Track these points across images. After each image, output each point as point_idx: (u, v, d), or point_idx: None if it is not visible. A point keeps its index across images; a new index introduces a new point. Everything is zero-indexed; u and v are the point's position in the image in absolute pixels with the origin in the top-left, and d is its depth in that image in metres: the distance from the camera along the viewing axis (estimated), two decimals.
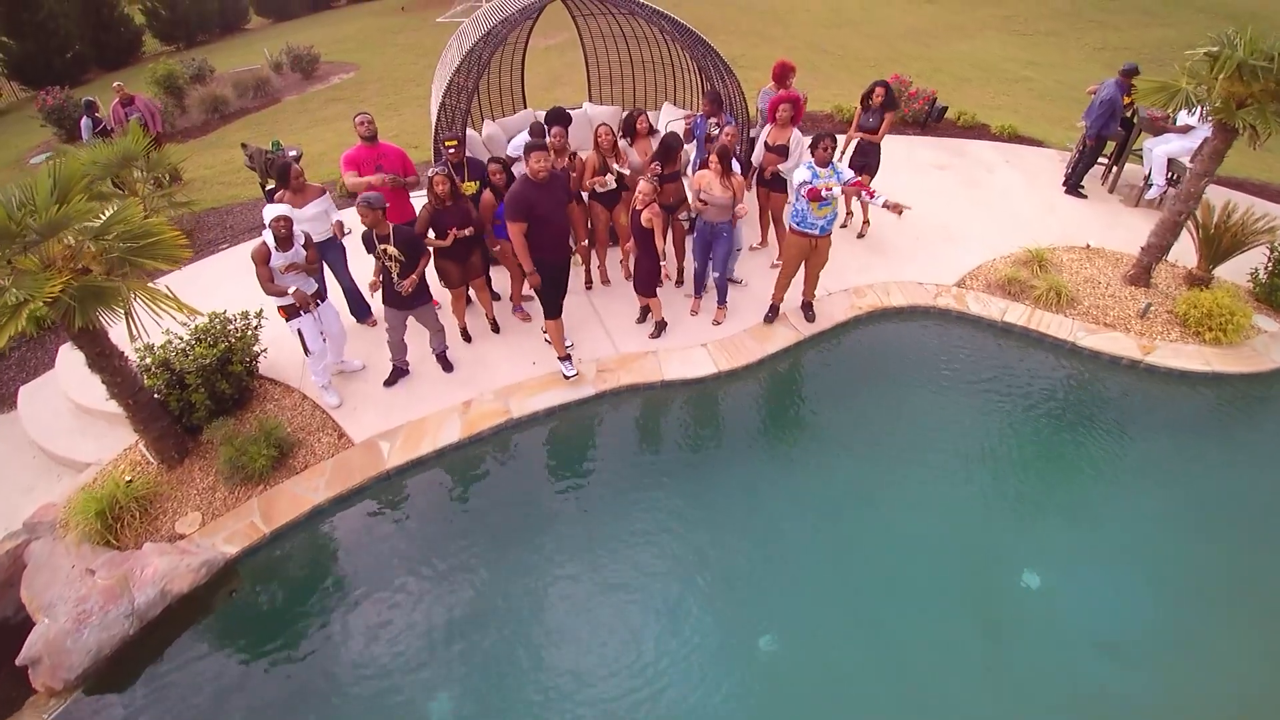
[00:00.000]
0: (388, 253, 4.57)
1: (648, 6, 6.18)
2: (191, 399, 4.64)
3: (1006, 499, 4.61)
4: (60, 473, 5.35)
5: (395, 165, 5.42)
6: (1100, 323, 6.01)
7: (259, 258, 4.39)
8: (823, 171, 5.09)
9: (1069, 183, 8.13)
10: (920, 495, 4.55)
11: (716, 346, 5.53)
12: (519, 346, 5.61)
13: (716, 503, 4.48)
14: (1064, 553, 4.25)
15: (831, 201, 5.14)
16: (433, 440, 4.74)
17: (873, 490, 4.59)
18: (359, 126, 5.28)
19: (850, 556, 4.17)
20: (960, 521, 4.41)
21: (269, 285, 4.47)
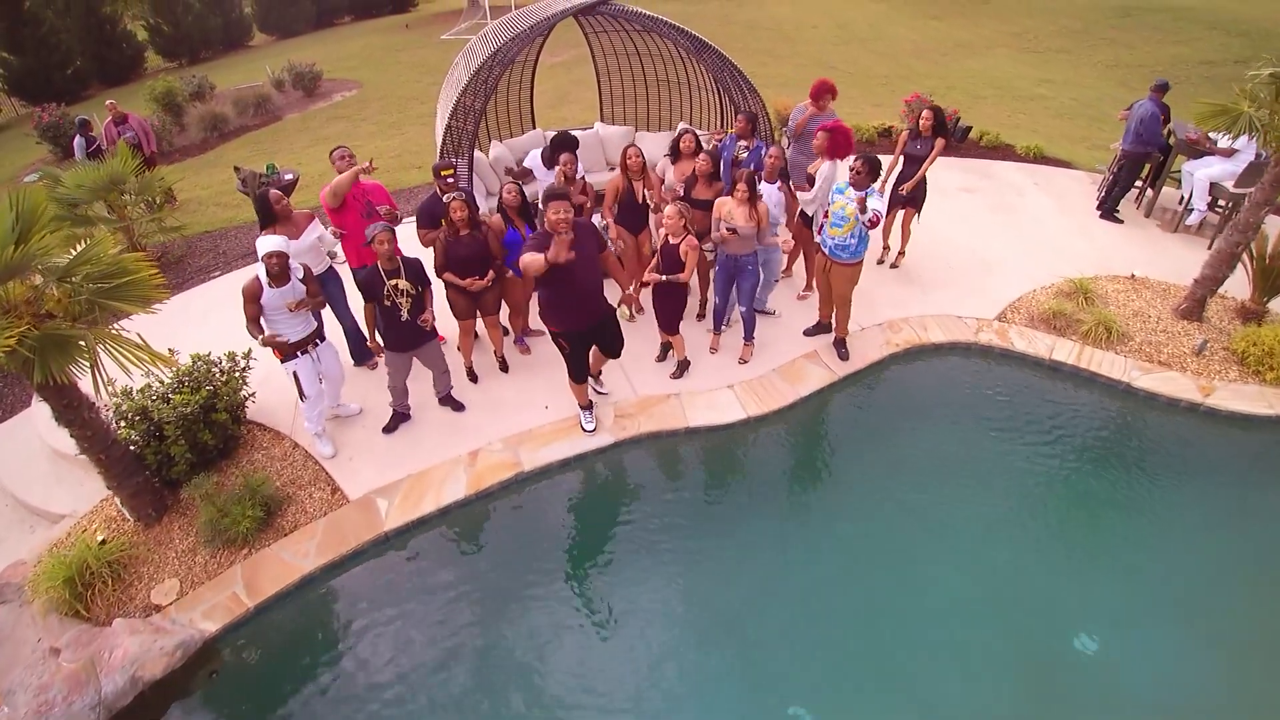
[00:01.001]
0: (398, 288, 4.16)
1: (666, 23, 5.84)
2: (170, 451, 4.21)
3: (1059, 554, 4.20)
4: (34, 524, 4.92)
5: (382, 200, 5.04)
6: (1154, 361, 5.58)
7: (250, 294, 3.97)
8: (850, 192, 4.72)
9: (1104, 207, 7.75)
10: (966, 551, 4.14)
11: (744, 388, 5.10)
12: (529, 388, 5.18)
13: (745, 563, 4.04)
14: (1121, 612, 3.85)
15: (844, 223, 4.74)
16: (435, 497, 4.30)
17: (915, 546, 4.16)
18: (339, 161, 4.82)
19: (889, 618, 3.77)
20: (1009, 579, 4.01)
21: (253, 327, 4.05)
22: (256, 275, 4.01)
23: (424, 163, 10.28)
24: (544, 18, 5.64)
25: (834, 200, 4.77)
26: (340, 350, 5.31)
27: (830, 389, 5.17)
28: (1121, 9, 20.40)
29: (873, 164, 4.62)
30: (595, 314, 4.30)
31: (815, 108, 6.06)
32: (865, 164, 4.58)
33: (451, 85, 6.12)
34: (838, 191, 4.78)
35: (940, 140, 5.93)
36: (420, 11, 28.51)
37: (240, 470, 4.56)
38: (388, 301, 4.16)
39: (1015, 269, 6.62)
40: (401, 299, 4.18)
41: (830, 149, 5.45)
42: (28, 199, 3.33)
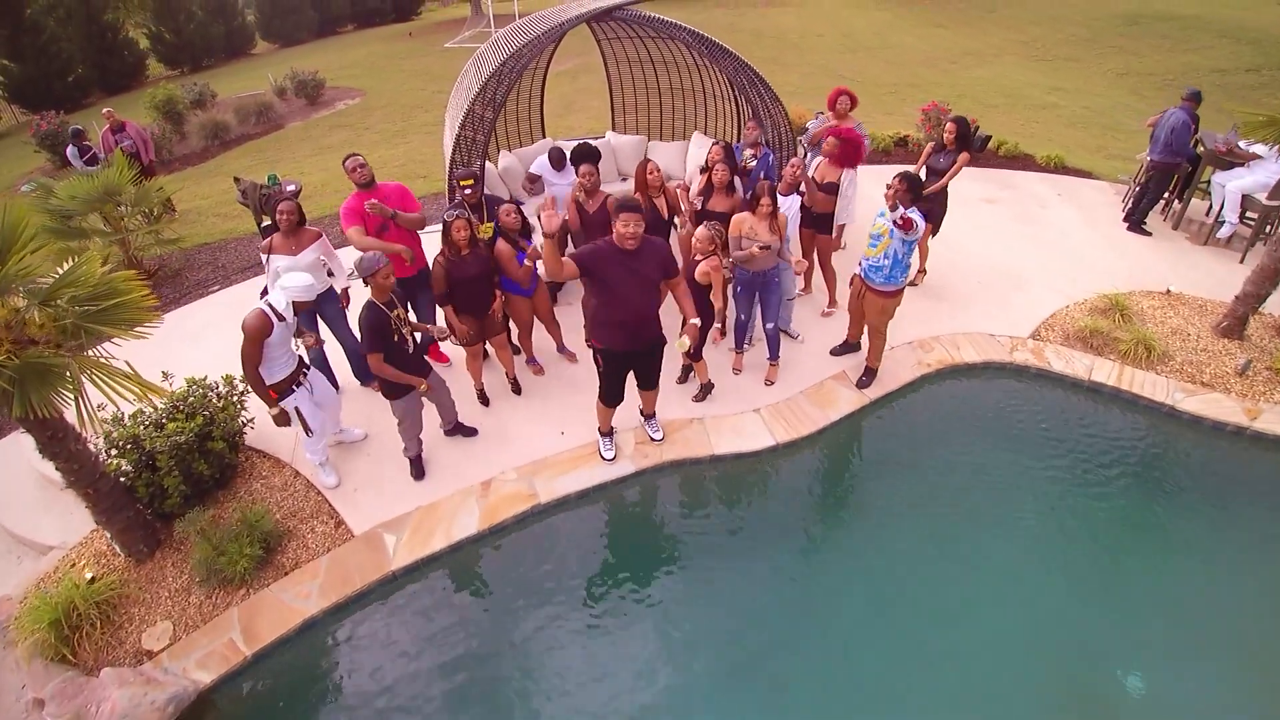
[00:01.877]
0: (401, 318, 3.87)
1: (683, 28, 5.62)
2: (164, 483, 3.93)
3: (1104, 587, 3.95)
4: (20, 554, 4.64)
5: (397, 205, 4.71)
6: (1197, 382, 5.32)
7: (256, 332, 3.65)
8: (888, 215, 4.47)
9: (1131, 219, 7.50)
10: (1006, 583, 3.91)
11: (771, 413, 4.83)
12: (544, 411, 4.91)
13: (775, 602, 3.77)
14: (1168, 648, 3.62)
15: (877, 242, 4.49)
16: (446, 532, 4.02)
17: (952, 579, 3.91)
18: (352, 173, 4.50)
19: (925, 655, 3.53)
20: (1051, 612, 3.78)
21: (253, 371, 3.74)
22: (261, 310, 3.70)
23: (429, 172, 10.06)
24: (557, 23, 5.41)
25: (874, 222, 4.52)
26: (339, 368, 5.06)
27: (861, 412, 4.90)
28: (1129, 17, 20.27)
29: (912, 181, 4.34)
30: (640, 339, 3.96)
31: (834, 115, 5.83)
32: (903, 181, 4.30)
33: (462, 93, 5.89)
34: (878, 215, 4.52)
35: (964, 154, 5.69)
36: (423, 19, 28.48)
37: (238, 502, 4.28)
38: (395, 338, 3.86)
39: (1046, 284, 6.37)
40: (407, 330, 3.89)
41: (840, 157, 5.22)
42: (8, 214, 3.07)
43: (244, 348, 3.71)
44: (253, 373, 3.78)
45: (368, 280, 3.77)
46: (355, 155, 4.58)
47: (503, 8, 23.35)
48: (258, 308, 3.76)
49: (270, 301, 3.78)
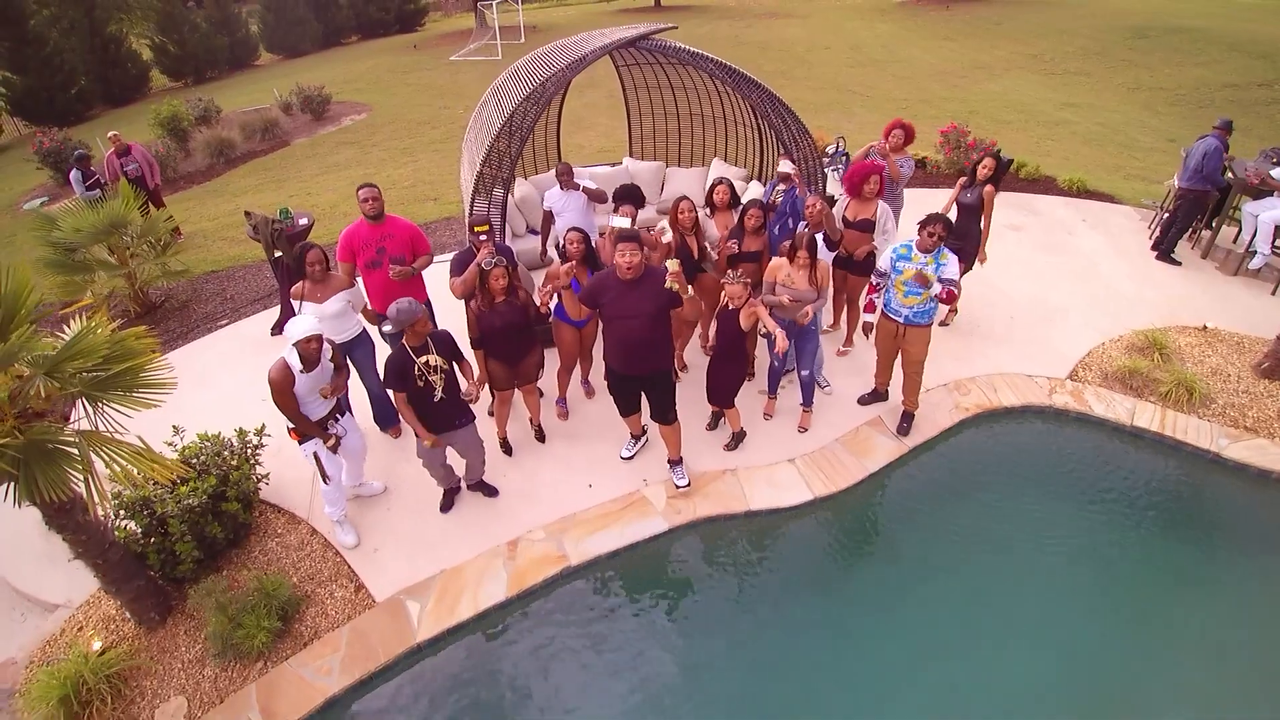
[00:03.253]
0: (429, 365, 3.70)
1: (709, 58, 5.46)
2: (176, 549, 3.74)
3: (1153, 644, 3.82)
4: (25, 610, 4.44)
5: (403, 247, 4.57)
6: (1240, 426, 5.15)
7: (282, 386, 3.52)
8: (919, 257, 4.30)
9: (1160, 248, 7.34)
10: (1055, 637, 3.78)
11: (807, 463, 4.64)
12: (569, 461, 4.72)
13: (820, 675, 3.58)
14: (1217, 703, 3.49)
15: (920, 292, 4.33)
16: (473, 598, 3.82)
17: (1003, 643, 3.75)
18: (363, 203, 4.43)
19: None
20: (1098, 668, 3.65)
21: (297, 413, 3.64)
22: (284, 361, 3.54)
23: (439, 194, 9.90)
24: (581, 54, 5.25)
25: (902, 269, 4.33)
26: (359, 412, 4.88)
27: (900, 462, 4.72)
28: (1137, 30, 20.18)
29: (947, 226, 4.20)
30: (639, 366, 4.00)
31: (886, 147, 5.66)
32: (944, 226, 4.15)
33: (480, 125, 5.71)
34: (902, 259, 4.34)
35: (989, 188, 5.52)
36: (428, 31, 28.37)
37: (253, 563, 4.09)
38: (420, 383, 3.69)
39: (1080, 319, 6.20)
40: (434, 377, 3.72)
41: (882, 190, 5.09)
42: (12, 280, 2.89)
43: (275, 400, 3.58)
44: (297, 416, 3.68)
45: (405, 330, 3.64)
46: (371, 186, 4.49)
47: (507, 18, 23.26)
48: (280, 358, 3.61)
49: (287, 357, 3.61)
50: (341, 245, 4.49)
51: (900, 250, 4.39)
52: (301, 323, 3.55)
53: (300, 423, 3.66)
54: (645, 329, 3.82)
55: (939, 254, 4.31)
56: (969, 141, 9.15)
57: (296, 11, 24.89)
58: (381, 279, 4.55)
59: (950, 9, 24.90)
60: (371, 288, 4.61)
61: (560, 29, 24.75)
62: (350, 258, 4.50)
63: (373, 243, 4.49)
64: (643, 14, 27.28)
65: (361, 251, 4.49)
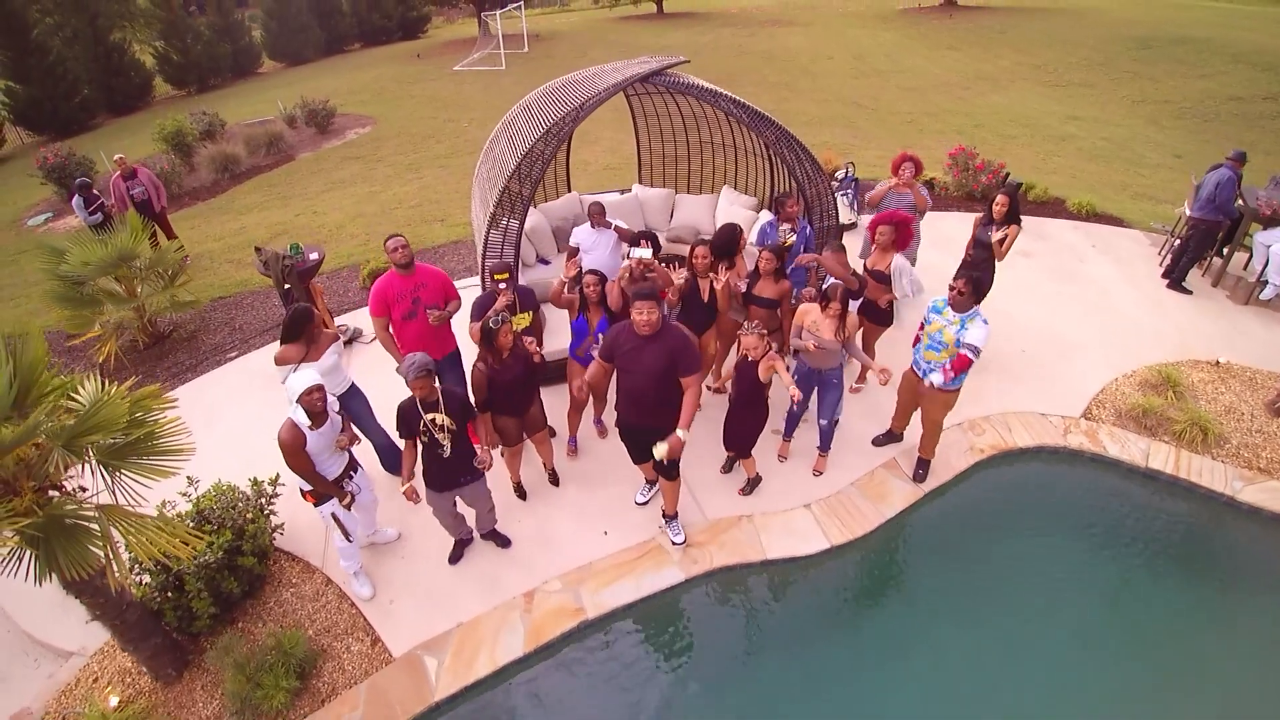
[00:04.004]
0: (436, 423, 3.68)
1: (726, 96, 5.43)
2: (192, 605, 3.72)
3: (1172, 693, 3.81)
4: (39, 657, 4.42)
5: (436, 295, 4.56)
6: (1254, 467, 5.14)
7: (293, 446, 3.49)
8: (948, 313, 4.24)
9: (1171, 277, 7.32)
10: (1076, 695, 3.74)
11: (823, 509, 4.62)
12: (584, 507, 4.70)
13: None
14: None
15: (944, 348, 4.28)
16: (490, 654, 3.80)
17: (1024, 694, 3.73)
18: (392, 253, 4.41)
19: None
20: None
21: (313, 474, 3.60)
22: (291, 421, 3.51)
23: (446, 214, 9.87)
24: (595, 93, 5.22)
25: (931, 320, 4.31)
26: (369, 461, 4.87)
27: (916, 507, 4.70)
28: (1141, 40, 20.17)
29: (977, 284, 4.14)
30: (640, 420, 3.96)
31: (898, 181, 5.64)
32: (969, 284, 4.08)
33: (492, 162, 5.69)
34: (935, 310, 4.31)
35: (1014, 227, 5.46)
36: (431, 38, 28.36)
37: (268, 614, 4.07)
38: (424, 438, 3.67)
39: (1093, 353, 6.18)
40: (441, 434, 3.69)
41: (891, 242, 5.03)
42: (27, 351, 2.87)
43: (289, 463, 3.55)
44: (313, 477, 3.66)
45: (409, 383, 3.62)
46: (398, 236, 4.48)
47: (510, 26, 23.23)
48: (287, 419, 3.58)
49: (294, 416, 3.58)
50: (375, 299, 4.45)
51: (937, 302, 4.32)
52: (300, 377, 3.53)
53: (318, 483, 3.63)
54: (654, 385, 3.77)
55: (969, 318, 4.18)
56: (977, 164, 9.13)
57: (299, 19, 24.87)
58: (416, 330, 4.51)
59: (953, 17, 24.90)
60: (407, 339, 4.56)
61: (563, 37, 24.72)
62: (385, 311, 4.45)
63: (407, 294, 4.46)
64: (645, 21, 27.25)
65: (397, 303, 4.45)
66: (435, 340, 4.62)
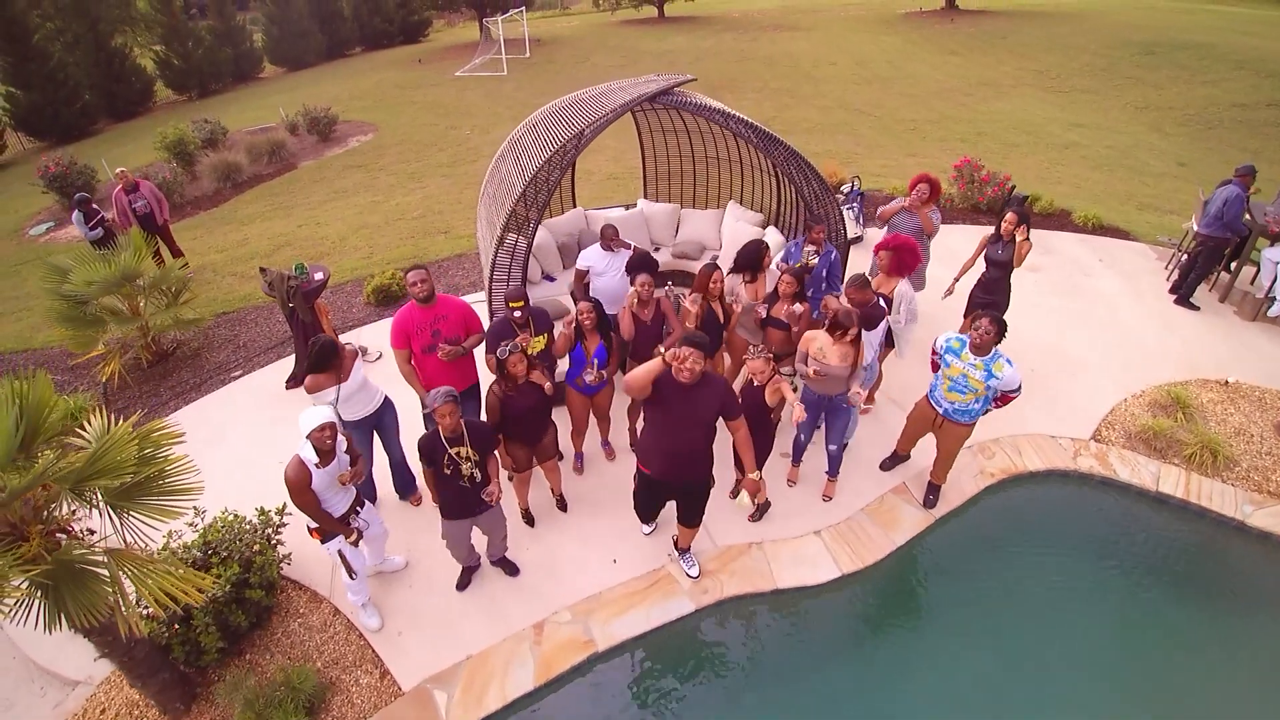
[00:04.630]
0: (461, 455, 3.65)
1: (735, 117, 5.39)
2: (200, 640, 3.69)
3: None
4: (44, 685, 4.38)
5: (457, 328, 4.47)
6: (1264, 491, 5.12)
7: (300, 485, 3.46)
8: (969, 356, 4.17)
9: (1179, 293, 7.29)
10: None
11: (833, 536, 4.60)
12: (593, 532, 4.68)
13: None
14: None
15: (968, 391, 4.21)
16: (500, 688, 3.78)
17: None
18: (412, 286, 4.30)
19: None
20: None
21: (319, 511, 3.57)
22: (298, 458, 3.48)
23: (450, 226, 9.85)
24: (603, 114, 5.18)
25: (950, 362, 4.24)
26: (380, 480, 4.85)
27: (927, 533, 4.67)
28: (1144, 46, 20.14)
29: (1000, 325, 4.06)
30: (678, 474, 3.84)
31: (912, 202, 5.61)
32: (994, 325, 4.00)
33: (499, 183, 5.66)
34: (951, 352, 4.24)
35: (1026, 243, 5.43)
36: (432, 42, 28.33)
37: (276, 645, 4.04)
38: (447, 469, 3.66)
39: (1101, 372, 6.16)
40: (464, 464, 3.67)
41: (895, 267, 4.99)
42: (32, 393, 2.84)
43: (295, 500, 3.52)
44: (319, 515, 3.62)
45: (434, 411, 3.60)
46: (420, 269, 4.34)
47: (512, 30, 23.20)
48: (294, 456, 3.54)
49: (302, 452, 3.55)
50: (396, 332, 4.35)
51: (953, 342, 4.22)
52: (314, 415, 3.48)
53: (324, 521, 3.60)
54: (700, 435, 3.66)
55: (992, 362, 4.09)
56: (983, 176, 9.11)
57: (300, 24, 24.84)
58: (437, 363, 4.42)
59: (955, 22, 24.88)
60: (428, 372, 4.49)
61: (565, 41, 24.70)
62: (405, 344, 4.36)
63: (426, 326, 4.36)
64: (647, 25, 27.22)
65: (417, 336, 4.35)
66: (458, 373, 4.54)
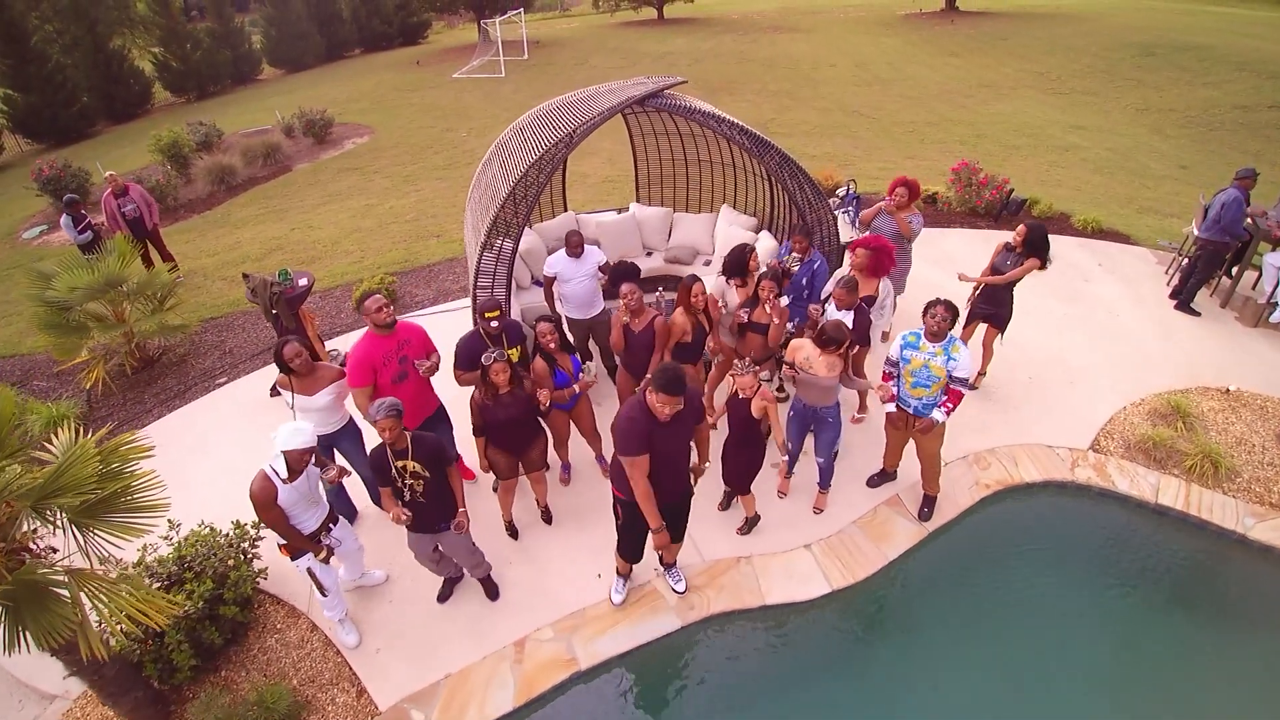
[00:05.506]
0: (407, 469, 3.54)
1: (727, 120, 5.31)
2: (173, 658, 3.60)
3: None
4: (22, 699, 4.30)
5: (420, 351, 4.28)
6: (1265, 503, 5.00)
7: (265, 501, 3.37)
8: (927, 346, 4.13)
9: (1179, 299, 7.18)
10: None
11: (824, 550, 4.49)
12: (577, 545, 4.58)
13: None
14: None
15: (932, 383, 4.16)
16: (480, 709, 3.67)
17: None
18: (377, 313, 4.03)
19: None
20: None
21: (287, 528, 3.47)
22: (263, 473, 3.38)
23: (443, 229, 9.76)
24: (590, 117, 5.10)
25: (909, 357, 4.16)
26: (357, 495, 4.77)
27: (920, 547, 4.56)
28: (1144, 48, 20.02)
29: (954, 311, 4.03)
30: (670, 493, 3.69)
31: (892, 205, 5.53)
32: (948, 311, 3.98)
33: (484, 188, 5.57)
34: (910, 347, 4.16)
35: (1033, 260, 5.29)
36: (431, 44, 28.29)
37: (251, 662, 3.95)
38: (397, 483, 3.54)
39: (1100, 379, 6.05)
40: (410, 481, 3.55)
41: (872, 268, 4.92)
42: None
43: (261, 517, 3.43)
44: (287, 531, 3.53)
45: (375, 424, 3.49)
46: (377, 294, 4.13)
47: (510, 32, 23.15)
48: (261, 470, 3.45)
49: (272, 465, 3.45)
50: (357, 368, 4.03)
51: (908, 337, 4.20)
52: (297, 434, 3.38)
53: (292, 538, 3.51)
54: (682, 455, 3.65)
55: (949, 345, 4.10)
56: (981, 179, 9.00)
57: (299, 26, 24.81)
58: (412, 390, 4.21)
59: (955, 23, 24.79)
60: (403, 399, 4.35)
61: (564, 43, 24.64)
62: (370, 379, 4.04)
63: (393, 354, 4.14)
64: (646, 27, 27.16)
65: (385, 367, 4.10)
66: (422, 400, 4.39)
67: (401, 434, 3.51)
